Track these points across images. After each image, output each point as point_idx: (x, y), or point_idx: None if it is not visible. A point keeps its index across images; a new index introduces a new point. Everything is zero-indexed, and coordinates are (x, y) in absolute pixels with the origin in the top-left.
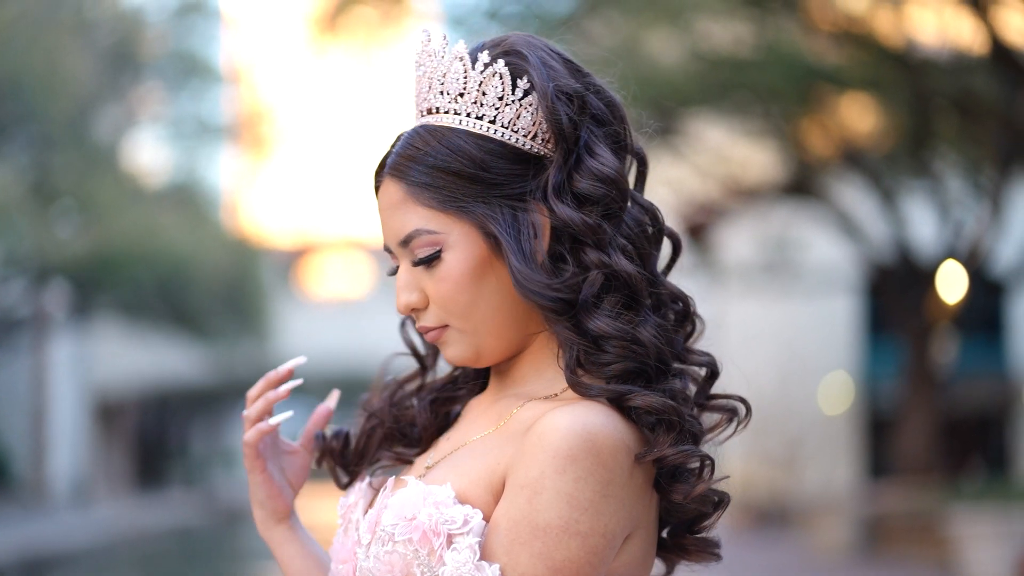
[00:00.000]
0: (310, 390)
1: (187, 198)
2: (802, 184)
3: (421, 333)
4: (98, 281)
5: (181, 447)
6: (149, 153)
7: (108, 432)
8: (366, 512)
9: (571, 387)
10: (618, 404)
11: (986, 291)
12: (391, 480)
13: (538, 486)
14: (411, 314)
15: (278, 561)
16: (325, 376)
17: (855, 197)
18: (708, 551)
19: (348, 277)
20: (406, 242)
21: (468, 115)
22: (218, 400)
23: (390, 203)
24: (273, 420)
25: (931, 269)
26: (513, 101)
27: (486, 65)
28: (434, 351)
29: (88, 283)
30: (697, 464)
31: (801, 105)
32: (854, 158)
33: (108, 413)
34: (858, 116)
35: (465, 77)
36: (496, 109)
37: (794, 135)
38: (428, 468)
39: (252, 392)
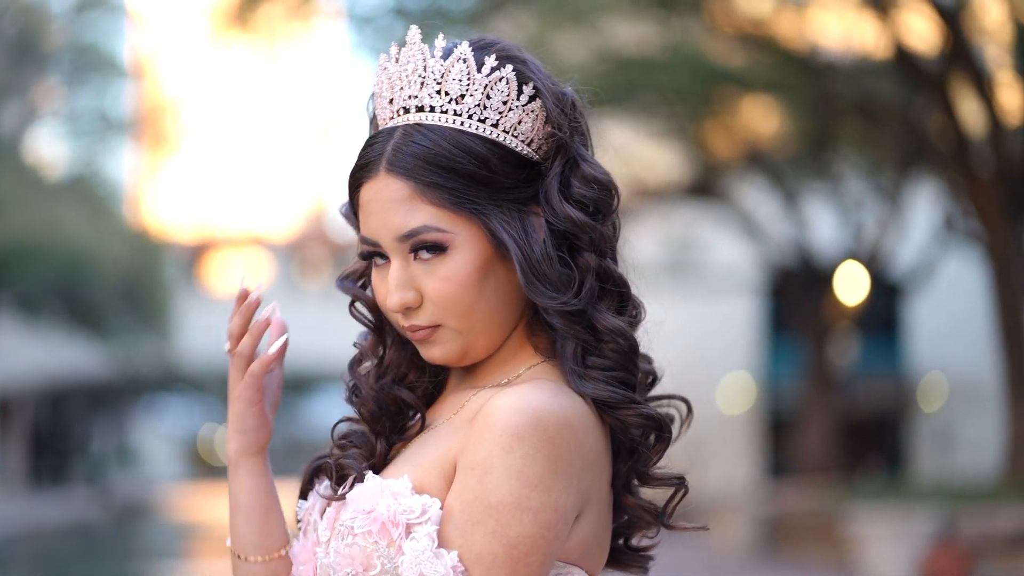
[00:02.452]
0: (209, 388)
1: (89, 192)
2: (705, 185)
3: (408, 332)
4: None
5: (81, 444)
6: (51, 147)
7: (5, 428)
8: (323, 512)
9: (572, 379)
10: (605, 406)
11: (884, 292)
12: (350, 478)
13: (487, 465)
14: (401, 313)
15: (240, 492)
16: (224, 373)
17: (758, 199)
18: (639, 564)
19: (249, 273)
20: (408, 237)
21: (471, 117)
22: (118, 396)
23: (391, 199)
24: (273, 348)
25: (832, 271)
26: (517, 106)
27: (493, 69)
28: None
29: None
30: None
31: (705, 107)
32: (757, 160)
33: (5, 409)
34: (762, 118)
35: (469, 79)
36: (500, 113)
37: (698, 136)
38: (386, 462)
39: (234, 327)
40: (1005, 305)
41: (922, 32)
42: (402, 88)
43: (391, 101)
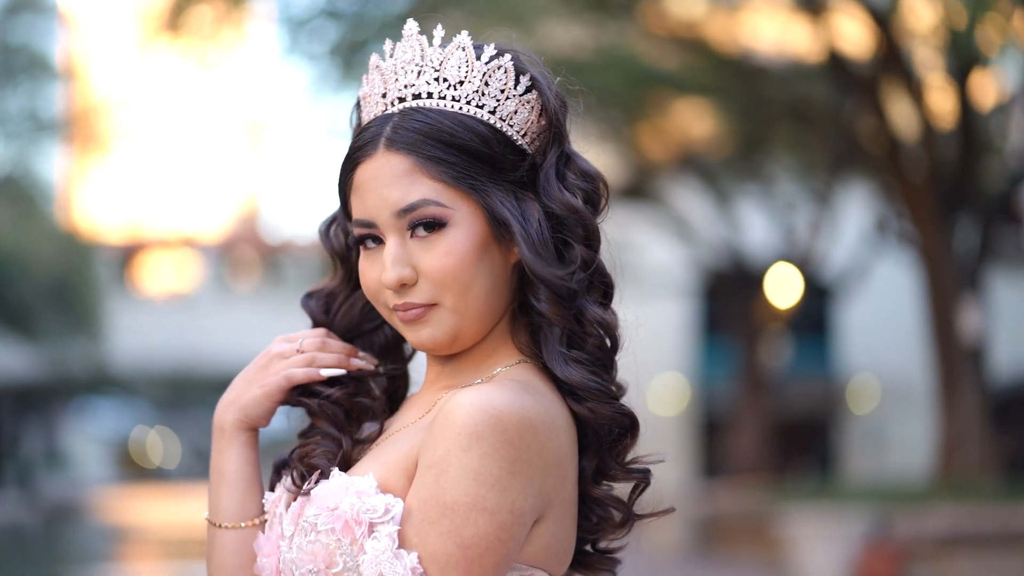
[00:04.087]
0: (139, 390)
1: (19, 193)
2: (639, 187)
3: (399, 311)
4: None
5: (11, 446)
6: None
7: None
8: (289, 506)
9: (556, 362)
10: (580, 396)
11: (815, 294)
12: (315, 473)
13: (444, 464)
14: (395, 291)
15: (229, 462)
16: (155, 374)
17: (691, 201)
18: (607, 568)
19: (179, 274)
20: (407, 211)
21: (469, 103)
22: (48, 398)
23: (392, 174)
24: (327, 373)
25: (764, 273)
26: (514, 96)
27: (492, 58)
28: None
29: None
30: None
31: (639, 109)
32: (690, 162)
33: None
34: (695, 120)
35: (468, 66)
36: (497, 101)
37: (631, 139)
38: (355, 459)
39: (325, 346)
40: (937, 307)
41: (855, 36)
42: (397, 79)
43: (384, 95)
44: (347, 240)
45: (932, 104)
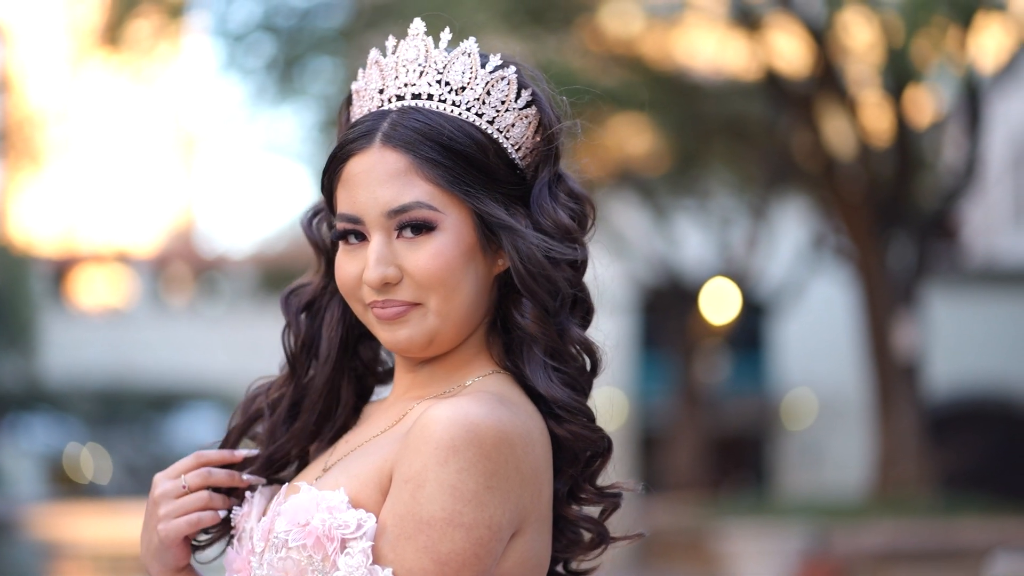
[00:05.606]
0: (72, 406)
1: None
2: None
3: (376, 308)
4: None
5: None
6: None
7: None
8: (259, 520)
9: (540, 379)
10: (559, 416)
11: (750, 310)
12: (284, 486)
13: (421, 479)
14: (377, 289)
15: None
16: (88, 390)
17: (628, 216)
18: None
19: (113, 289)
20: (398, 212)
21: (468, 109)
22: None
23: (386, 171)
24: (206, 517)
25: (700, 288)
26: (514, 108)
27: (496, 67)
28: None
29: None
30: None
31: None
32: (627, 178)
33: None
34: (632, 136)
35: (472, 73)
36: (497, 111)
37: (568, 154)
38: (324, 470)
39: (193, 481)
40: (873, 322)
41: (791, 53)
42: (397, 77)
43: (381, 91)
44: (329, 233)
45: (868, 121)
